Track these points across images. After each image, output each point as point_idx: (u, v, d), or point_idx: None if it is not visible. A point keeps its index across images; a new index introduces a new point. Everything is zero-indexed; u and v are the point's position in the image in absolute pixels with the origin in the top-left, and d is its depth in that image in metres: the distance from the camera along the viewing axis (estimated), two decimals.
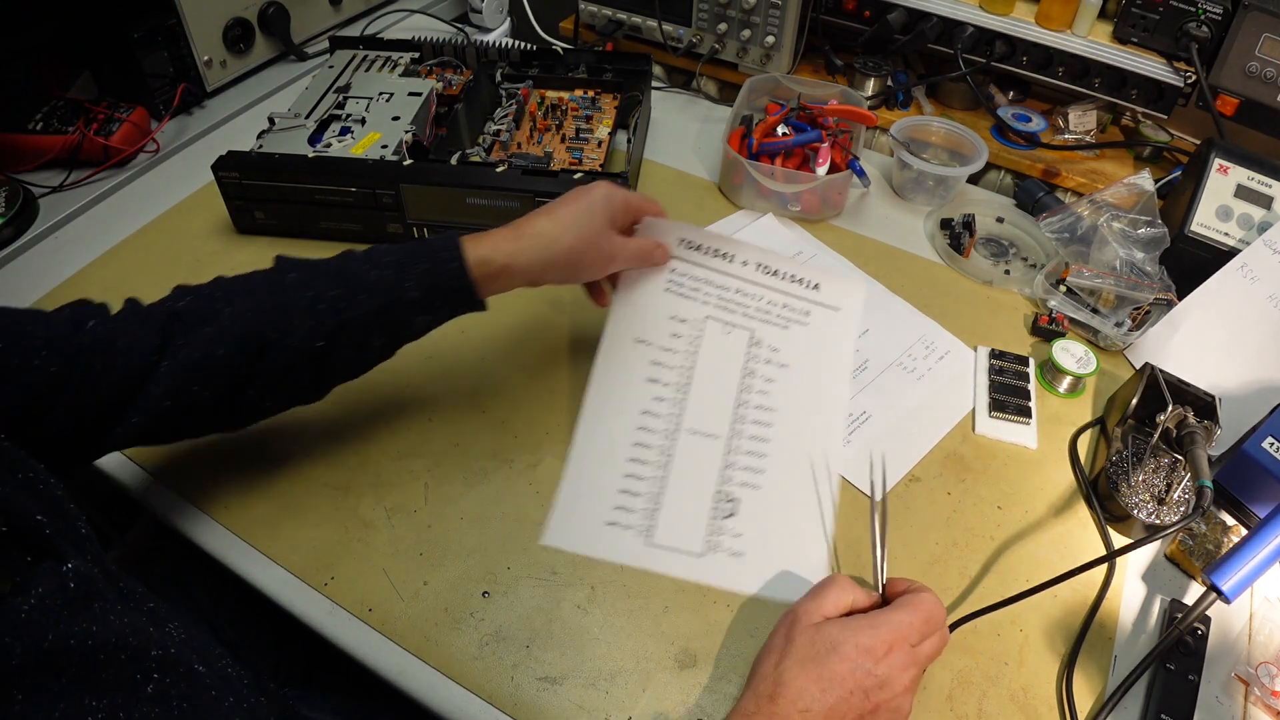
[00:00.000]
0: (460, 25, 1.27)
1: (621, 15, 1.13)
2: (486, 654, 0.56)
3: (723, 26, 1.07)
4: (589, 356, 0.77)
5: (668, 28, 1.11)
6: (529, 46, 1.04)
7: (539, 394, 0.74)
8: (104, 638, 0.36)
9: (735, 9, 1.05)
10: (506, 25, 1.29)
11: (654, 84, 1.11)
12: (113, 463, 0.67)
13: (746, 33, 1.06)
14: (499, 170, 0.82)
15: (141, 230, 0.89)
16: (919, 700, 0.55)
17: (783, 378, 0.67)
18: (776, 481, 0.64)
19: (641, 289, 0.69)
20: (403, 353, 0.76)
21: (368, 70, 0.99)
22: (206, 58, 1.02)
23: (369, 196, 0.82)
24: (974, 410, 0.74)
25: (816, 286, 0.71)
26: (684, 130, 1.07)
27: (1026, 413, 0.74)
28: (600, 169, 0.90)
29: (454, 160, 0.85)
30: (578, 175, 0.81)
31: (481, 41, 1.07)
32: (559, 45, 1.16)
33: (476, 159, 0.87)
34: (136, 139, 0.95)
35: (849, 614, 0.53)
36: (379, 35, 1.08)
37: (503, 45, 1.03)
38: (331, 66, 0.99)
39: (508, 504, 0.65)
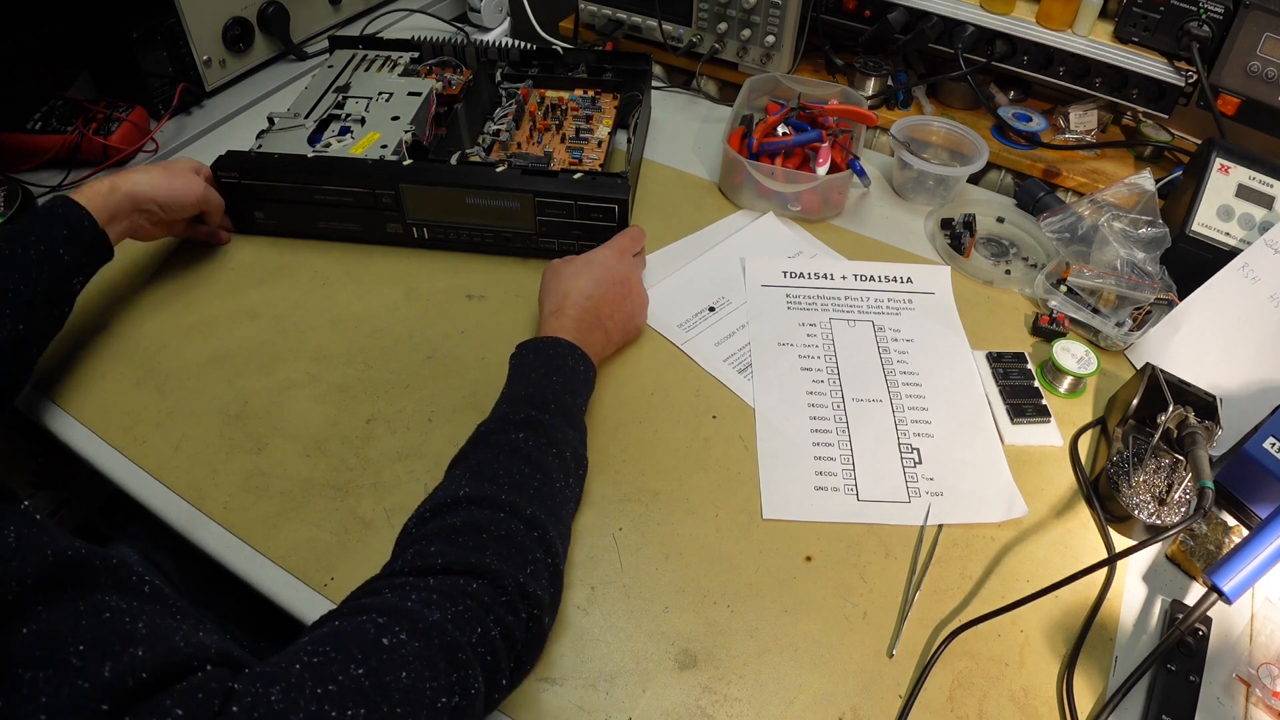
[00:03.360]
0: (460, 25, 1.27)
1: (621, 15, 1.13)
2: None
3: (723, 26, 1.06)
4: None
5: (668, 27, 1.11)
6: (529, 46, 1.04)
7: None
8: (81, 549, 0.37)
9: (735, 9, 1.04)
10: (506, 25, 1.29)
11: (654, 84, 1.11)
12: (112, 463, 0.67)
13: (746, 32, 1.06)
14: (499, 170, 0.82)
15: None
16: (919, 701, 0.55)
17: (912, 349, 0.79)
18: (945, 427, 0.73)
19: (768, 309, 0.82)
20: (403, 352, 0.76)
21: (367, 70, 0.99)
22: (206, 57, 1.02)
23: (369, 196, 0.82)
24: (997, 424, 0.73)
25: (909, 280, 0.85)
26: (684, 130, 1.07)
27: (1045, 411, 0.73)
28: (600, 169, 0.89)
29: (454, 160, 0.85)
30: (578, 175, 0.81)
31: (481, 41, 1.07)
32: (559, 45, 1.16)
33: (476, 159, 0.86)
34: (135, 138, 0.95)
35: None
36: (378, 35, 1.08)
37: (502, 45, 1.03)
38: (331, 66, 0.99)
39: None
